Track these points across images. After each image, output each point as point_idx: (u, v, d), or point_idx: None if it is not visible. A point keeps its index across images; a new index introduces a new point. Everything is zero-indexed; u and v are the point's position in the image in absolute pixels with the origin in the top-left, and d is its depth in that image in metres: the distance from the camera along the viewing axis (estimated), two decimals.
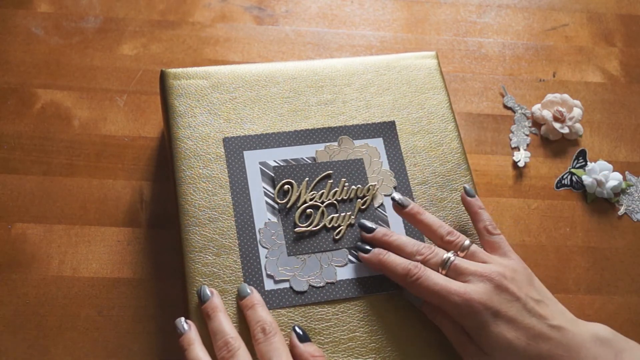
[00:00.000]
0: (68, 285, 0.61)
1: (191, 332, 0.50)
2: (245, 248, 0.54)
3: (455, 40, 0.79)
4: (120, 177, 0.66)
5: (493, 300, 0.49)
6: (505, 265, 0.51)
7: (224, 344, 0.48)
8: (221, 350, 0.48)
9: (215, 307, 0.50)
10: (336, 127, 0.60)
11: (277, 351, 0.47)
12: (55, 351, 0.58)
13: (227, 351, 0.48)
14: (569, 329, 0.49)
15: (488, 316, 0.48)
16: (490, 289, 0.49)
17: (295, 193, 0.56)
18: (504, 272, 0.50)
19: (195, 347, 0.49)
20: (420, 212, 0.55)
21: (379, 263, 0.53)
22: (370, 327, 0.52)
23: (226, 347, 0.48)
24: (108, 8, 0.77)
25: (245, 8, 0.79)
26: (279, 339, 0.48)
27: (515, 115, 0.75)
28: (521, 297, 0.49)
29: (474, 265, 0.51)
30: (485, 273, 0.50)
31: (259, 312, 0.50)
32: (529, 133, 0.74)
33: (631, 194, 0.71)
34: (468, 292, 0.49)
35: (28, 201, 0.65)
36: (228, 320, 0.50)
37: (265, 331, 0.49)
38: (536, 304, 0.50)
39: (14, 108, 0.69)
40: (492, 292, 0.49)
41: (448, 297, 0.49)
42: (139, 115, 0.70)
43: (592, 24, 0.82)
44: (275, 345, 0.48)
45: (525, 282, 0.51)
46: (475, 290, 0.49)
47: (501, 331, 0.48)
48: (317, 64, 0.64)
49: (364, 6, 0.81)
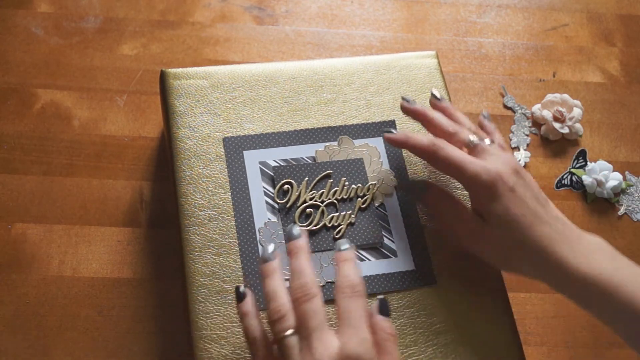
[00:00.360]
0: (68, 285, 0.61)
1: (276, 261, 0.49)
2: (245, 248, 0.54)
3: (455, 40, 0.79)
4: (120, 177, 0.66)
5: (510, 178, 0.51)
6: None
7: (302, 285, 0.46)
8: (297, 291, 0.46)
9: (302, 247, 0.49)
10: (336, 126, 0.60)
11: (356, 313, 0.46)
12: (55, 351, 0.58)
13: (304, 294, 0.46)
14: (570, 224, 0.51)
15: (503, 189, 0.50)
16: (508, 169, 0.51)
17: (295, 193, 0.56)
18: (520, 166, 0.53)
19: (276, 277, 0.48)
20: (452, 109, 0.58)
21: (405, 138, 0.55)
22: None
23: (303, 289, 0.46)
24: (108, 8, 0.77)
25: (245, 8, 0.79)
26: (362, 301, 0.47)
27: (515, 115, 0.75)
28: (534, 188, 0.52)
29: (496, 150, 0.53)
30: (507, 158, 0.53)
31: (351, 268, 0.49)
32: (529, 133, 0.74)
33: (631, 194, 0.71)
34: (488, 165, 0.51)
35: (28, 201, 0.65)
36: (311, 264, 0.48)
37: (353, 288, 0.47)
38: (544, 201, 0.52)
39: (14, 108, 0.69)
40: (510, 172, 0.51)
41: (468, 166, 0.51)
42: (139, 115, 0.70)
43: (592, 24, 0.82)
44: (357, 305, 0.46)
45: (536, 186, 0.53)
46: (495, 165, 0.51)
47: (512, 206, 0.50)
48: (317, 63, 0.64)
49: (364, 6, 0.81)
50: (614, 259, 0.49)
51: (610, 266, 0.48)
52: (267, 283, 0.48)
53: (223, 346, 0.51)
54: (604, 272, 0.48)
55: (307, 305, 0.45)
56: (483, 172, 0.51)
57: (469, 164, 0.51)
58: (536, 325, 0.64)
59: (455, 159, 0.52)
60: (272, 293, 0.47)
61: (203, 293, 0.52)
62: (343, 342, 0.44)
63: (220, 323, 0.52)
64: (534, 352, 0.63)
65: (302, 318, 0.45)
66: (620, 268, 0.48)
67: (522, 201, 0.50)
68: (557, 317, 0.65)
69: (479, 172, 0.51)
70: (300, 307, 0.46)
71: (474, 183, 0.51)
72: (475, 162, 0.51)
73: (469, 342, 0.53)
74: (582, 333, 0.64)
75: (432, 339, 0.53)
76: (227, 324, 0.52)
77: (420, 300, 0.54)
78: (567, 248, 0.49)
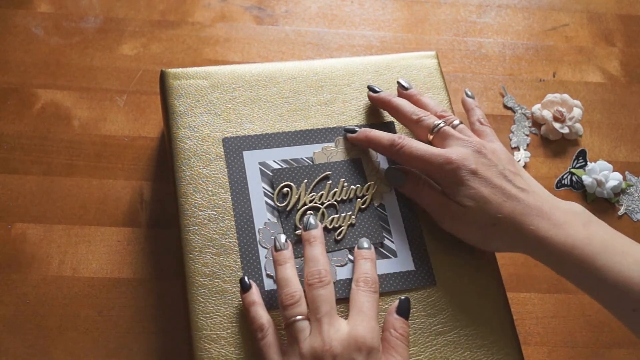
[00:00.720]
0: (68, 285, 0.61)
1: (289, 250, 0.51)
2: (245, 248, 0.54)
3: (455, 40, 0.79)
4: (120, 177, 0.66)
5: (470, 160, 0.52)
6: (487, 142, 0.55)
7: (317, 272, 0.49)
8: (312, 277, 0.49)
9: (318, 237, 0.52)
10: (336, 127, 0.60)
11: (369, 304, 0.49)
12: (55, 351, 0.58)
13: (319, 280, 0.49)
14: (543, 193, 0.53)
15: (465, 172, 0.52)
16: (469, 152, 0.53)
17: (295, 196, 0.56)
18: (484, 144, 0.54)
19: (289, 266, 0.50)
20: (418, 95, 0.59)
21: (366, 138, 0.57)
22: None
23: (319, 276, 0.49)
24: (108, 8, 0.77)
25: (245, 8, 0.79)
26: (376, 298, 0.50)
27: (515, 115, 0.75)
28: (498, 165, 0.53)
29: (459, 134, 0.55)
30: (467, 139, 0.54)
31: (370, 266, 0.52)
32: (529, 133, 0.74)
33: (631, 194, 0.71)
34: (448, 153, 0.53)
35: (28, 201, 0.65)
36: (325, 253, 0.51)
37: (369, 284, 0.50)
38: (512, 174, 0.53)
39: (14, 108, 0.69)
40: (471, 154, 0.53)
41: (430, 158, 0.53)
42: (139, 115, 0.70)
43: (592, 24, 0.82)
44: (371, 299, 0.49)
45: (504, 159, 0.54)
46: (455, 152, 0.53)
47: (478, 186, 0.51)
48: (317, 63, 0.64)
49: (364, 6, 0.81)
50: (587, 225, 0.50)
51: (583, 234, 0.49)
52: (280, 270, 0.50)
53: (223, 346, 0.51)
54: (577, 241, 0.49)
55: (320, 291, 0.48)
56: (445, 162, 0.52)
57: (430, 156, 0.53)
58: (536, 325, 0.64)
59: (418, 153, 0.54)
60: (285, 280, 0.49)
61: (203, 293, 0.52)
62: (352, 325, 0.47)
63: (220, 323, 0.52)
64: (534, 352, 0.63)
65: (314, 303, 0.48)
66: (593, 235, 0.49)
67: (487, 181, 0.52)
68: (557, 317, 0.65)
69: (441, 162, 0.52)
70: (313, 292, 0.48)
71: (439, 173, 0.53)
72: (436, 154, 0.53)
73: (469, 343, 0.53)
74: (582, 333, 0.64)
75: (432, 340, 0.53)
76: (227, 324, 0.52)
77: (420, 301, 0.54)
78: (539, 221, 0.50)
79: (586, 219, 0.51)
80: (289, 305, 0.48)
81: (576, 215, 0.51)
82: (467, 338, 0.53)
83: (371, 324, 0.48)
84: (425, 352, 0.52)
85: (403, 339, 0.49)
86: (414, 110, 0.57)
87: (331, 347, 0.45)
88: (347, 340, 0.46)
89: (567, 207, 0.52)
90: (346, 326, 0.47)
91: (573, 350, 0.63)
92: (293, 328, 0.48)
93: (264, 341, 0.48)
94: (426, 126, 0.56)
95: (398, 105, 0.58)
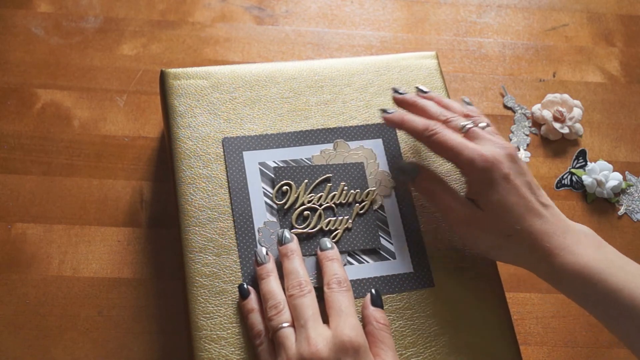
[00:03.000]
0: (68, 285, 0.61)
1: (270, 263, 0.52)
2: (245, 248, 0.54)
3: (455, 40, 0.79)
4: (120, 177, 0.66)
5: (505, 165, 0.51)
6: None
7: (297, 283, 0.50)
8: (293, 289, 0.50)
9: (294, 250, 0.52)
10: (336, 127, 0.60)
11: (346, 303, 0.49)
12: (55, 351, 0.58)
13: (300, 290, 0.49)
14: (559, 214, 0.52)
15: (498, 176, 0.50)
16: (503, 155, 0.51)
17: (294, 195, 0.56)
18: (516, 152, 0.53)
19: (272, 278, 0.51)
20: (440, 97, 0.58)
21: (401, 119, 0.55)
22: None
23: (299, 287, 0.50)
24: (108, 8, 0.77)
25: (245, 8, 0.79)
26: (350, 295, 0.50)
27: (515, 115, 0.75)
28: (527, 175, 0.52)
29: (489, 135, 0.53)
30: (499, 142, 0.53)
31: (337, 266, 0.52)
32: (528, 133, 0.74)
33: (631, 194, 0.71)
34: (484, 150, 0.51)
35: (28, 201, 0.65)
36: (304, 265, 0.52)
37: (341, 284, 0.50)
38: (537, 188, 0.52)
39: (14, 108, 0.69)
40: (505, 158, 0.51)
41: (464, 151, 0.51)
42: (139, 115, 0.70)
43: (592, 24, 0.82)
44: (346, 297, 0.50)
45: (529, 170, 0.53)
46: (490, 151, 0.51)
47: (506, 193, 0.50)
48: (317, 64, 0.64)
49: (364, 6, 0.81)
50: (600, 248, 0.50)
51: (595, 257, 0.49)
52: (263, 284, 0.51)
53: (223, 346, 0.51)
54: (590, 261, 0.48)
55: (301, 300, 0.49)
56: (478, 158, 0.51)
57: (464, 148, 0.51)
58: (536, 325, 0.64)
59: (451, 143, 0.52)
60: (269, 293, 0.51)
61: (203, 293, 0.53)
62: (334, 327, 0.47)
63: (220, 323, 0.52)
64: (534, 352, 0.63)
65: (297, 310, 0.49)
66: (606, 258, 0.49)
67: (516, 189, 0.50)
68: (557, 317, 0.65)
69: (474, 157, 0.51)
70: (295, 301, 0.49)
71: (469, 168, 0.51)
72: (470, 147, 0.51)
73: (467, 344, 0.53)
74: (582, 333, 0.64)
75: (431, 341, 0.53)
76: (227, 325, 0.52)
77: (419, 302, 0.54)
78: (555, 239, 0.49)
79: (598, 242, 0.50)
80: (274, 315, 0.49)
81: (588, 237, 0.50)
82: (465, 340, 0.53)
83: (353, 321, 0.48)
84: (424, 354, 0.52)
85: (386, 328, 0.50)
86: (442, 111, 0.56)
87: (317, 350, 0.46)
88: (332, 342, 0.46)
89: (579, 229, 0.51)
90: (329, 330, 0.47)
91: (573, 350, 0.63)
92: (279, 335, 0.48)
93: (261, 347, 0.49)
94: (454, 126, 0.54)
95: (425, 106, 0.56)
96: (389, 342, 0.49)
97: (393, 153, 0.60)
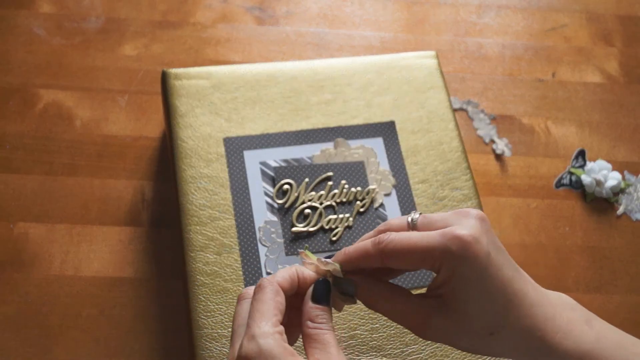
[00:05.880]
0: (70, 284, 0.61)
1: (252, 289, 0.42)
2: (246, 247, 0.54)
3: (455, 41, 0.80)
4: (122, 177, 0.67)
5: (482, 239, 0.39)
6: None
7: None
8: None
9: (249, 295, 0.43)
10: (336, 127, 0.61)
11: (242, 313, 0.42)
12: (57, 350, 0.58)
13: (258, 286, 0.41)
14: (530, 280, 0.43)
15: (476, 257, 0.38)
16: (478, 225, 0.39)
17: (294, 193, 0.57)
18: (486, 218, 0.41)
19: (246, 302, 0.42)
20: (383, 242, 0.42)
21: (344, 255, 0.43)
22: (370, 326, 0.53)
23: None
24: (109, 8, 0.77)
25: (246, 8, 0.79)
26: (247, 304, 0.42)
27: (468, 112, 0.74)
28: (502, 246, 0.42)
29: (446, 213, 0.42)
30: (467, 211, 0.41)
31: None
32: (489, 122, 0.74)
33: (630, 194, 0.71)
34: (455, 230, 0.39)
35: (30, 201, 0.65)
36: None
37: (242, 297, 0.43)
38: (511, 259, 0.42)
39: (16, 108, 0.70)
40: (480, 228, 0.39)
41: (430, 244, 0.39)
42: (141, 115, 0.70)
43: (591, 24, 0.83)
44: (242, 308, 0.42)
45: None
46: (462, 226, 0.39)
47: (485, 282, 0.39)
48: (317, 63, 0.64)
49: (364, 6, 0.81)
50: (591, 324, 0.43)
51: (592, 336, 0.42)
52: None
53: (224, 345, 0.51)
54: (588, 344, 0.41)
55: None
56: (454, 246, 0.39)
57: (428, 243, 0.39)
58: None
59: (410, 244, 0.40)
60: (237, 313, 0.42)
61: (204, 292, 0.53)
62: (232, 351, 0.40)
63: (221, 322, 0.52)
64: None
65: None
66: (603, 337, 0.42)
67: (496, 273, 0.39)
68: None
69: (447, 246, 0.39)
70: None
71: (439, 260, 0.39)
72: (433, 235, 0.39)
73: None
74: None
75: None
76: (228, 323, 0.52)
77: None
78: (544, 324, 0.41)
79: (585, 315, 0.43)
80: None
81: (574, 312, 0.43)
82: None
83: (250, 332, 0.38)
84: (426, 351, 0.52)
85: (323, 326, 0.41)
86: (377, 228, 0.44)
87: None
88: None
89: (556, 298, 0.43)
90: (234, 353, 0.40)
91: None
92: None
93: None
94: (399, 227, 0.43)
95: (357, 247, 0.43)
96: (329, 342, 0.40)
97: (394, 151, 0.60)
